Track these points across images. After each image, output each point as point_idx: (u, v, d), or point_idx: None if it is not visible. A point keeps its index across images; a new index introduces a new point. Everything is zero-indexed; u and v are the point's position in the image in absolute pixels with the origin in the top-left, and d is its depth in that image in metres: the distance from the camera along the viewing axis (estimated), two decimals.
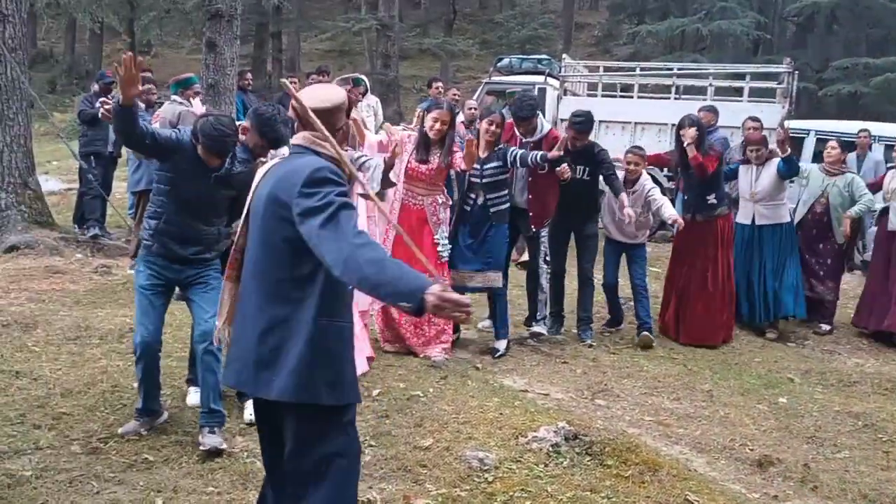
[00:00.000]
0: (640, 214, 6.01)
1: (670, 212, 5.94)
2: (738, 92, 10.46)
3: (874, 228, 7.47)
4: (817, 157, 9.55)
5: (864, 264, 8.43)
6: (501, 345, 5.58)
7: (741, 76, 10.76)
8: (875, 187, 6.97)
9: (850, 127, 10.09)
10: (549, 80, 11.00)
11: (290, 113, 2.55)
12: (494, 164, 5.42)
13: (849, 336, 6.72)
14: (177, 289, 4.01)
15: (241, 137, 3.92)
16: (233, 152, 3.80)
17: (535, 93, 9.64)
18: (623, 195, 5.69)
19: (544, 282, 5.87)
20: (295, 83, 10.59)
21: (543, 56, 12.29)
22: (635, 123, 10.08)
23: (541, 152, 5.42)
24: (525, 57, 12.38)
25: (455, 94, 9.70)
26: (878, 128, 9.95)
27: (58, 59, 26.18)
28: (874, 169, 8.92)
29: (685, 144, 5.98)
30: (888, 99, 18.94)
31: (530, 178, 5.73)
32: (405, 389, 4.63)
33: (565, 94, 10.64)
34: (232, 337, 2.60)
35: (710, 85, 10.20)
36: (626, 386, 5.14)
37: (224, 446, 3.74)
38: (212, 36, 9.19)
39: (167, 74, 11.43)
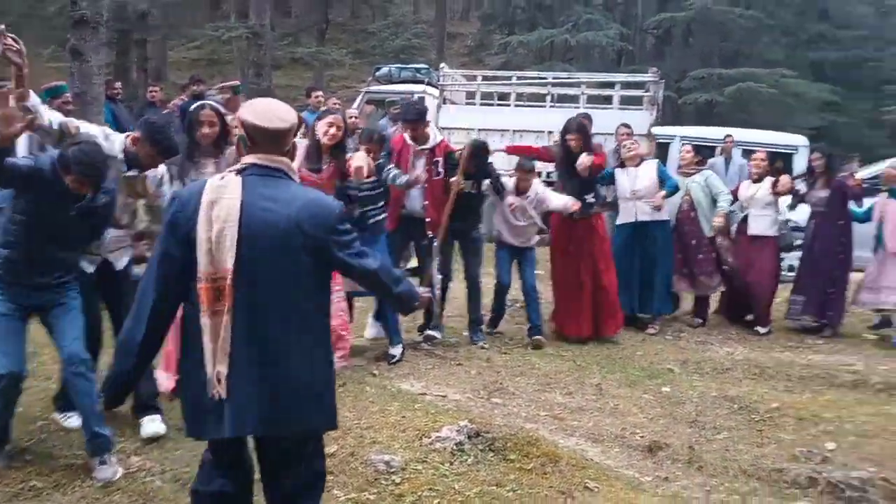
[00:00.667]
0: (531, 221, 6.25)
1: (561, 200, 6.17)
2: (608, 100, 10.97)
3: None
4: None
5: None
6: (397, 350, 5.61)
7: (611, 85, 11.30)
8: (733, 196, 7.52)
9: (710, 132, 10.80)
10: (429, 88, 11.16)
11: (237, 130, 2.46)
12: (373, 178, 5.44)
13: (719, 328, 7.18)
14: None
15: (130, 147, 3.78)
16: None
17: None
18: (510, 197, 5.90)
19: (437, 288, 5.96)
20: (156, 93, 10.26)
21: (422, 65, 12.47)
22: (514, 131, 10.37)
23: (405, 178, 5.60)
24: (404, 66, 12.50)
25: (335, 103, 9.65)
26: (738, 133, 10.69)
27: None
28: (738, 172, 9.56)
29: (579, 168, 6.26)
30: (740, 107, 20.33)
31: (427, 186, 5.82)
32: None
33: (444, 103, 10.82)
34: (236, 378, 2.31)
35: (583, 93, 10.65)
36: (520, 384, 5.29)
37: (119, 475, 3.56)
38: (76, 43, 8.78)
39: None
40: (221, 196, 2.32)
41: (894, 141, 23.09)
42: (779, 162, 8.25)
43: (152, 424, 4.00)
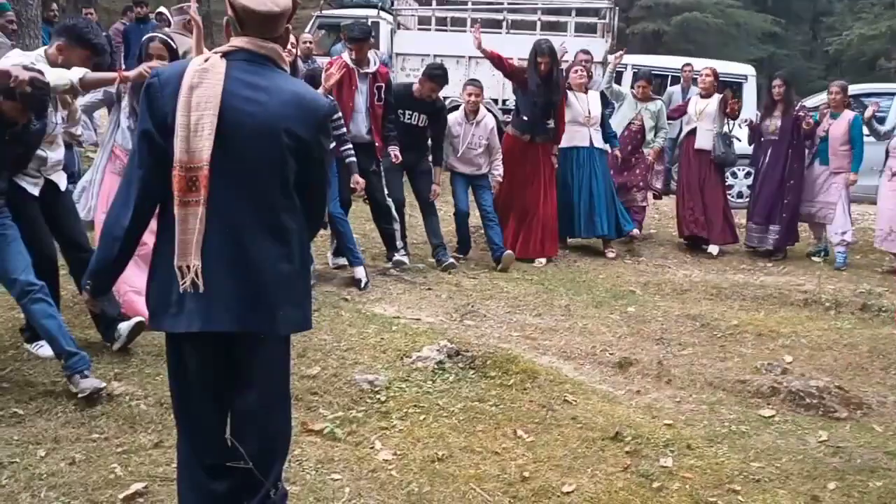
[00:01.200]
0: (483, 148, 6.38)
1: (499, 171, 6.55)
2: (563, 27, 10.92)
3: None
4: None
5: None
6: (360, 272, 5.62)
7: (567, 12, 11.23)
8: (680, 112, 7.85)
9: (663, 61, 10.87)
10: (382, 14, 10.91)
11: (229, 12, 2.26)
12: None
13: (675, 252, 7.40)
14: None
15: (56, 58, 3.64)
16: None
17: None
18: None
19: (395, 212, 6.00)
20: (90, 15, 9.82)
21: None
22: (469, 57, 10.27)
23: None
24: None
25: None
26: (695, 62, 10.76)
27: None
28: None
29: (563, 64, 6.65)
30: (685, 37, 20.49)
31: (370, 111, 5.82)
32: None
33: (399, 28, 10.61)
34: (212, 275, 2.20)
35: (539, 20, 10.57)
36: (491, 306, 5.40)
37: (104, 385, 3.54)
38: None
39: None
40: (203, 80, 2.17)
41: (829, 72, 23.67)
42: (727, 91, 8.39)
43: (128, 323, 3.98)
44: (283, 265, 2.26)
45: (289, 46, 2.39)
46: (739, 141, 7.60)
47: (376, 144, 5.88)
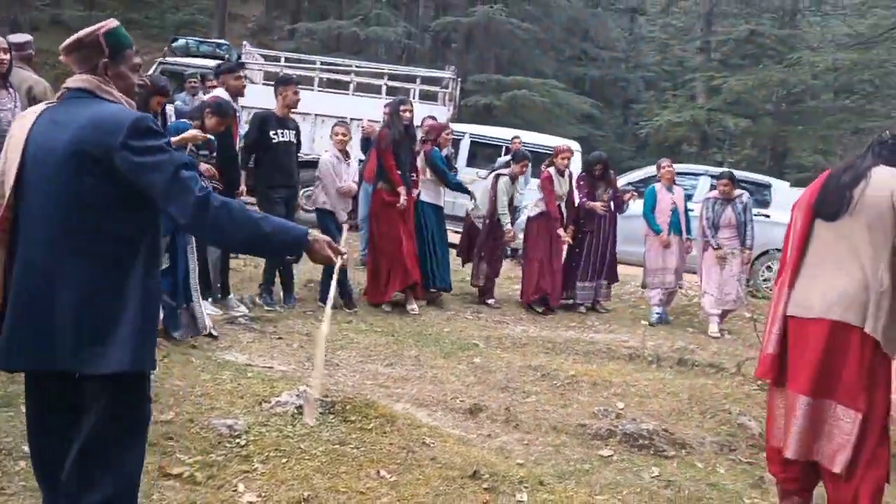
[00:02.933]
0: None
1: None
2: (408, 93, 11.36)
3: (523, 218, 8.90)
4: (471, 158, 10.90)
5: (513, 252, 9.83)
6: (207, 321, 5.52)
7: (412, 79, 11.71)
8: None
9: (497, 132, 11.57)
10: None
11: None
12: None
13: (512, 309, 7.81)
14: None
15: None
16: None
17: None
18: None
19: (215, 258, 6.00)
20: None
21: (222, 41, 12.07)
22: (315, 115, 10.43)
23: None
24: (203, 40, 12.04)
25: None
26: (523, 135, 11.55)
27: None
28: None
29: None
30: (514, 112, 21.82)
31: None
32: None
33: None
34: (12, 312, 2.21)
35: (385, 84, 10.95)
36: (343, 356, 5.46)
37: None
38: None
39: None
40: (17, 128, 2.29)
41: (638, 153, 26.05)
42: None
43: None
44: (98, 300, 2.18)
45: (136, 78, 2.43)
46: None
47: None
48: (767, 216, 9.66)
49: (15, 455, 3.25)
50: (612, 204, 8.08)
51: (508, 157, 8.94)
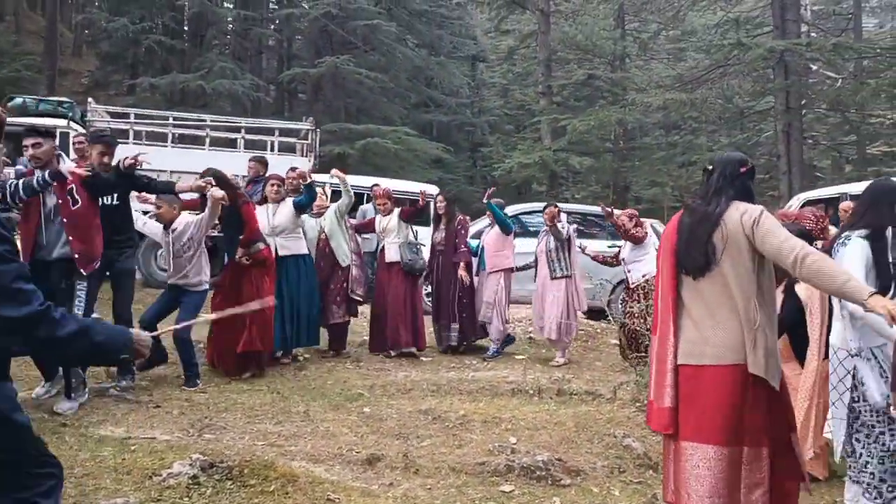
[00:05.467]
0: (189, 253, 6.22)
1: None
2: (265, 146, 11.24)
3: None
4: None
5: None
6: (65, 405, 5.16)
7: (270, 131, 11.58)
8: (369, 228, 8.46)
9: (359, 180, 11.63)
10: (73, 124, 10.34)
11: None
12: None
13: (393, 357, 7.81)
14: None
15: None
16: None
17: (58, 137, 8.99)
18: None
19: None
20: None
21: (65, 99, 11.44)
22: (171, 171, 10.08)
23: (48, 171, 5.07)
24: (43, 98, 11.36)
25: None
26: (383, 183, 11.66)
27: None
28: None
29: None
30: (367, 160, 22.00)
31: (64, 220, 5.18)
32: None
33: None
34: None
35: (242, 138, 10.78)
36: (228, 418, 5.26)
37: None
38: None
39: None
40: None
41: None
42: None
43: None
44: None
45: None
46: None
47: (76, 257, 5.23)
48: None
49: None
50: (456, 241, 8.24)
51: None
